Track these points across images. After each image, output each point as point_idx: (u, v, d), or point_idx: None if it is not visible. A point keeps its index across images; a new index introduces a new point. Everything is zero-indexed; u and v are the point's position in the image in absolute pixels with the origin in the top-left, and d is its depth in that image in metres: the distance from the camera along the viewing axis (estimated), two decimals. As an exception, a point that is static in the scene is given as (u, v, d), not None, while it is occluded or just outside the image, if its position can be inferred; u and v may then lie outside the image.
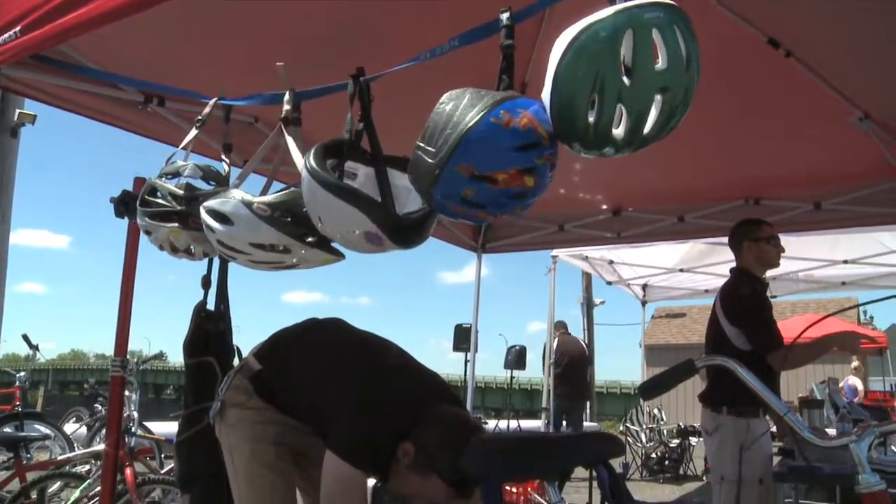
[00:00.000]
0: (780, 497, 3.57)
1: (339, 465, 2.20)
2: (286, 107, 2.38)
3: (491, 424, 10.03)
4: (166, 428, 6.41)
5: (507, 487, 5.24)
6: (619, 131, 1.70)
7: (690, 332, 23.43)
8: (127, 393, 5.22)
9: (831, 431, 4.57)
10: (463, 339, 7.45)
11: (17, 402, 8.10)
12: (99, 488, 3.30)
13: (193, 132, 2.73)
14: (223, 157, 2.78)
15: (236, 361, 2.98)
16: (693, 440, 10.66)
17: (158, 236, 2.51)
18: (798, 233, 5.08)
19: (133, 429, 5.16)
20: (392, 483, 2.31)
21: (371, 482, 4.00)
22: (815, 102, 3.69)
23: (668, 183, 4.94)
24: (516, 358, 9.14)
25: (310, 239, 2.15)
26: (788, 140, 4.24)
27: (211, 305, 3.06)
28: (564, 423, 9.78)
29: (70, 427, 8.55)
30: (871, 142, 4.10)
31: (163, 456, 5.83)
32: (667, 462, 10.71)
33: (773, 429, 4.45)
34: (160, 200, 2.47)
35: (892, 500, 1.62)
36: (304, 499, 2.63)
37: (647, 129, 1.70)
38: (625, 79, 1.64)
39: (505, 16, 1.87)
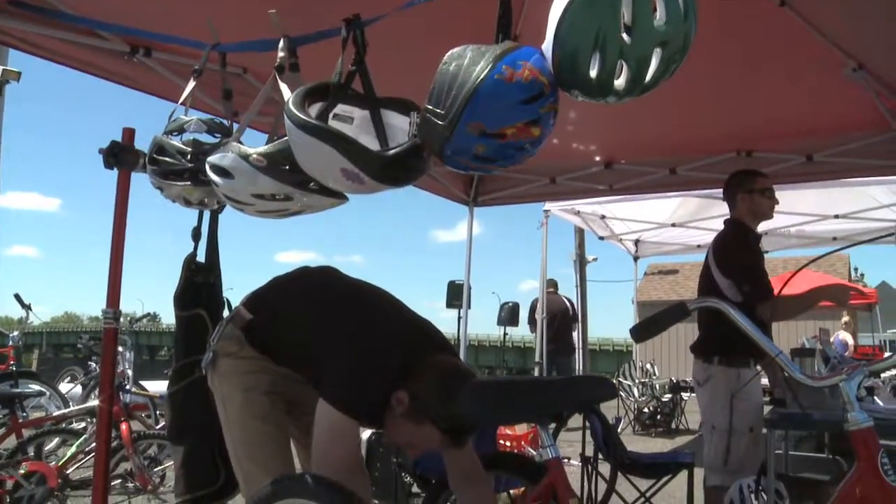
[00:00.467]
0: (770, 447, 3.61)
1: (332, 413, 2.20)
2: (280, 54, 2.36)
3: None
4: (161, 386, 6.41)
5: (501, 441, 5.29)
6: (620, 82, 1.75)
7: (683, 289, 23.57)
8: (121, 349, 5.23)
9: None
10: (456, 295, 7.43)
11: (12, 362, 8.11)
12: (95, 444, 3.31)
13: (192, 84, 2.72)
14: (224, 104, 2.78)
15: (226, 314, 2.99)
16: (685, 395, 10.76)
17: (171, 193, 2.53)
18: (790, 184, 5.07)
19: (128, 386, 5.18)
20: (386, 432, 2.32)
21: (365, 435, 4.06)
22: (809, 53, 3.66)
23: (660, 135, 4.92)
24: (509, 314, 9.15)
25: (312, 185, 2.15)
26: (781, 91, 4.21)
27: (201, 258, 3.06)
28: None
29: (65, 387, 8.56)
30: (865, 93, 4.08)
31: (158, 412, 5.87)
32: (659, 416, 10.81)
33: (765, 381, 4.50)
34: (169, 159, 2.47)
35: None
36: (298, 448, 2.65)
37: (647, 78, 1.75)
38: (625, 36, 1.69)
39: None
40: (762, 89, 4.21)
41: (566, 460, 3.57)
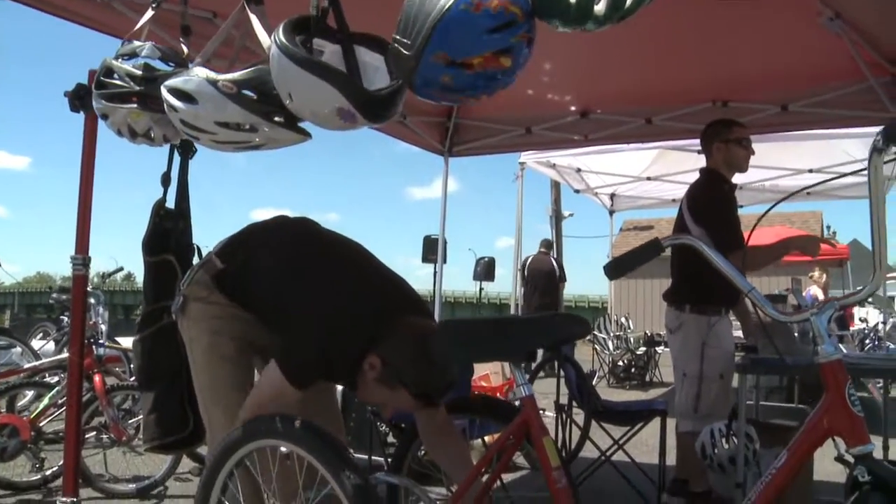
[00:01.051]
0: (741, 391, 3.66)
1: (281, 381, 2.19)
2: None
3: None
4: (135, 341, 6.35)
5: (476, 393, 5.32)
6: (599, 7, 1.74)
7: (658, 246, 23.66)
8: (92, 301, 5.17)
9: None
10: (431, 249, 7.41)
11: (-18, 319, 8.01)
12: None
13: (150, 13, 2.64)
14: (181, 39, 2.69)
15: (196, 260, 2.95)
16: (659, 349, 10.90)
17: (116, 119, 2.43)
18: (765, 134, 5.07)
19: (101, 340, 5.13)
20: (360, 392, 2.30)
21: (341, 385, 4.05)
22: (785, 1, 3.64)
23: (636, 85, 4.90)
24: (485, 269, 9.18)
25: (277, 118, 2.10)
26: (758, 41, 4.19)
27: (171, 204, 3.00)
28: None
29: (37, 343, 8.48)
30: (841, 43, 4.07)
31: (132, 365, 5.82)
32: (633, 370, 10.97)
33: (739, 334, 4.55)
34: (117, 81, 2.38)
35: None
36: None
37: (627, 4, 1.74)
38: None
39: None
40: (739, 38, 4.19)
41: (541, 411, 3.60)
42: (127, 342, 6.33)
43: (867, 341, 10.38)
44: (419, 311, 2.35)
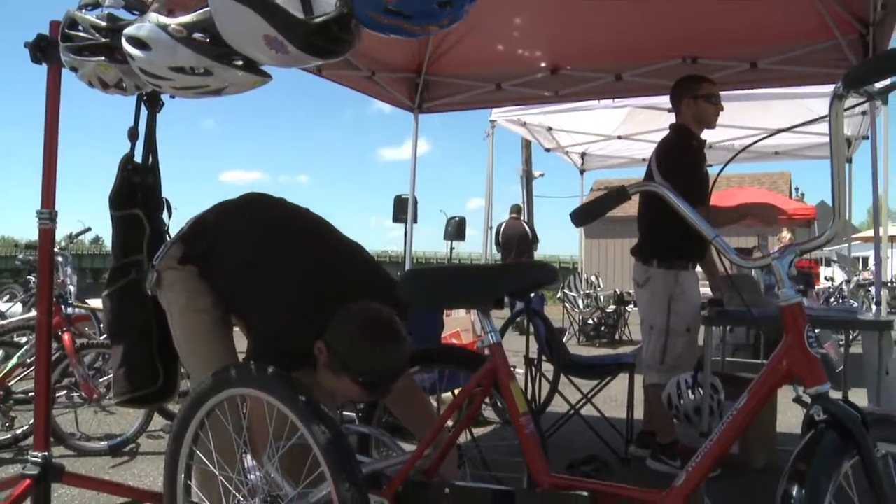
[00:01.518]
0: (708, 343, 3.73)
1: None
2: None
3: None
4: (104, 302, 6.30)
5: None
6: None
7: (628, 205, 23.56)
8: (60, 260, 5.13)
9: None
10: (402, 209, 7.38)
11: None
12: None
13: None
14: None
15: (166, 215, 2.94)
16: (629, 308, 11.02)
17: (86, 72, 2.39)
18: (733, 91, 5.09)
19: (70, 300, 5.10)
20: (317, 377, 2.31)
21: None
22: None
23: (606, 41, 4.89)
24: (456, 229, 9.18)
25: (235, 60, 2.07)
26: (727, -4, 4.21)
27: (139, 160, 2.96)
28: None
29: (4, 306, 8.40)
30: (810, 0, 4.10)
31: (101, 325, 5.79)
32: (603, 328, 11.08)
33: (706, 290, 4.61)
34: (82, 34, 2.34)
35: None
36: None
37: None
38: None
39: None
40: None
41: (512, 368, 3.65)
42: (97, 304, 6.29)
43: (832, 300, 10.59)
44: (379, 295, 2.28)
